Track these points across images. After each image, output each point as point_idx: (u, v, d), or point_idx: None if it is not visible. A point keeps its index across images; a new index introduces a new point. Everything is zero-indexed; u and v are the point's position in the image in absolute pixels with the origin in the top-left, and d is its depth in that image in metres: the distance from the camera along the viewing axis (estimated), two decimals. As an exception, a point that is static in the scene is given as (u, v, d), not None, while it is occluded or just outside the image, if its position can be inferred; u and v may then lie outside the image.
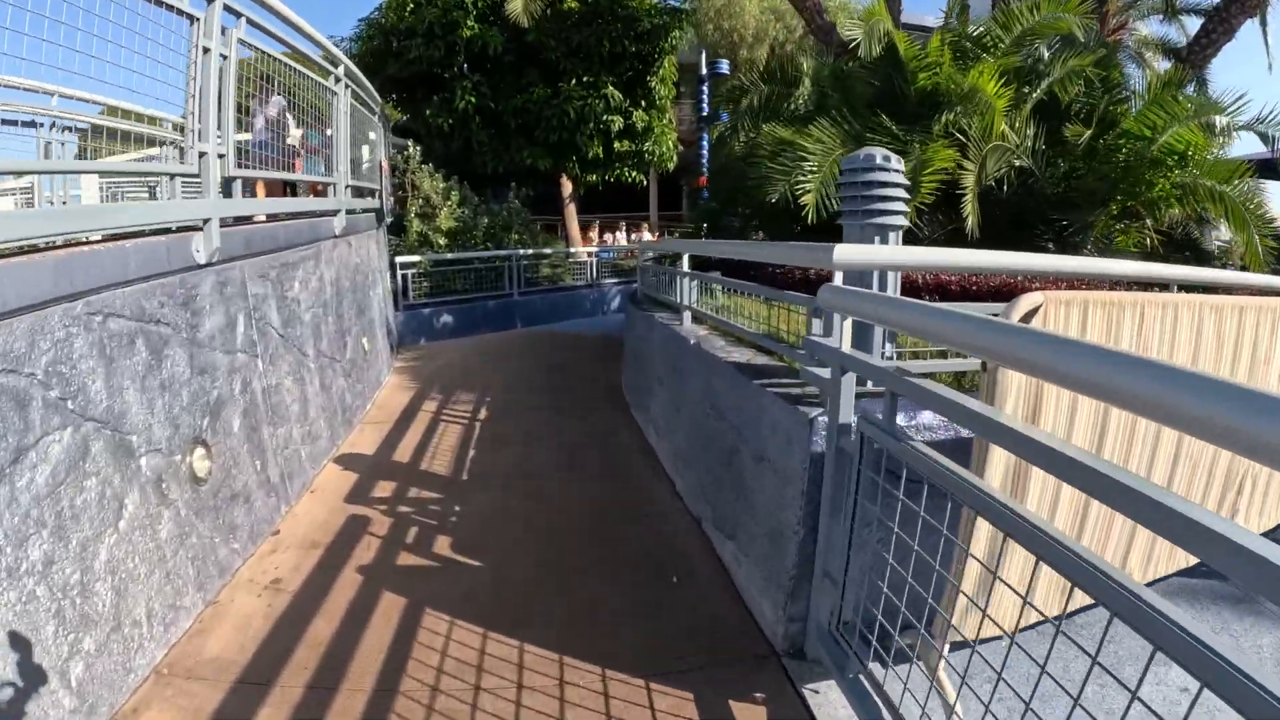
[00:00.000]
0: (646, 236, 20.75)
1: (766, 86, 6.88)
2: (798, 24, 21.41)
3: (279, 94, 4.22)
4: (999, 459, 1.74)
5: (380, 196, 6.91)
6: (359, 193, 6.48)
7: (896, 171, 2.36)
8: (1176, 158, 5.86)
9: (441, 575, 3.05)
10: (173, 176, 3.00)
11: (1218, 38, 9.51)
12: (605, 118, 12.17)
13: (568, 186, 14.10)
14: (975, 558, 1.68)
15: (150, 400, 2.78)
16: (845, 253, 1.91)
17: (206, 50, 3.12)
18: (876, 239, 2.31)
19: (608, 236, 20.54)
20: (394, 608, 2.82)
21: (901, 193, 2.36)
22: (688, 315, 4.15)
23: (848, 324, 1.79)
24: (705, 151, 15.50)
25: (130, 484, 2.66)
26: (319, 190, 5.56)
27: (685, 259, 4.18)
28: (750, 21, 22.67)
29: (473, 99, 11.83)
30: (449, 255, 9.99)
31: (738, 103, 7.31)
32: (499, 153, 12.30)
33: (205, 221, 3.08)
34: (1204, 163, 5.87)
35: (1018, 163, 5.66)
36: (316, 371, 4.39)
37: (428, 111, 12.27)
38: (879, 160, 2.33)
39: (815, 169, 4.69)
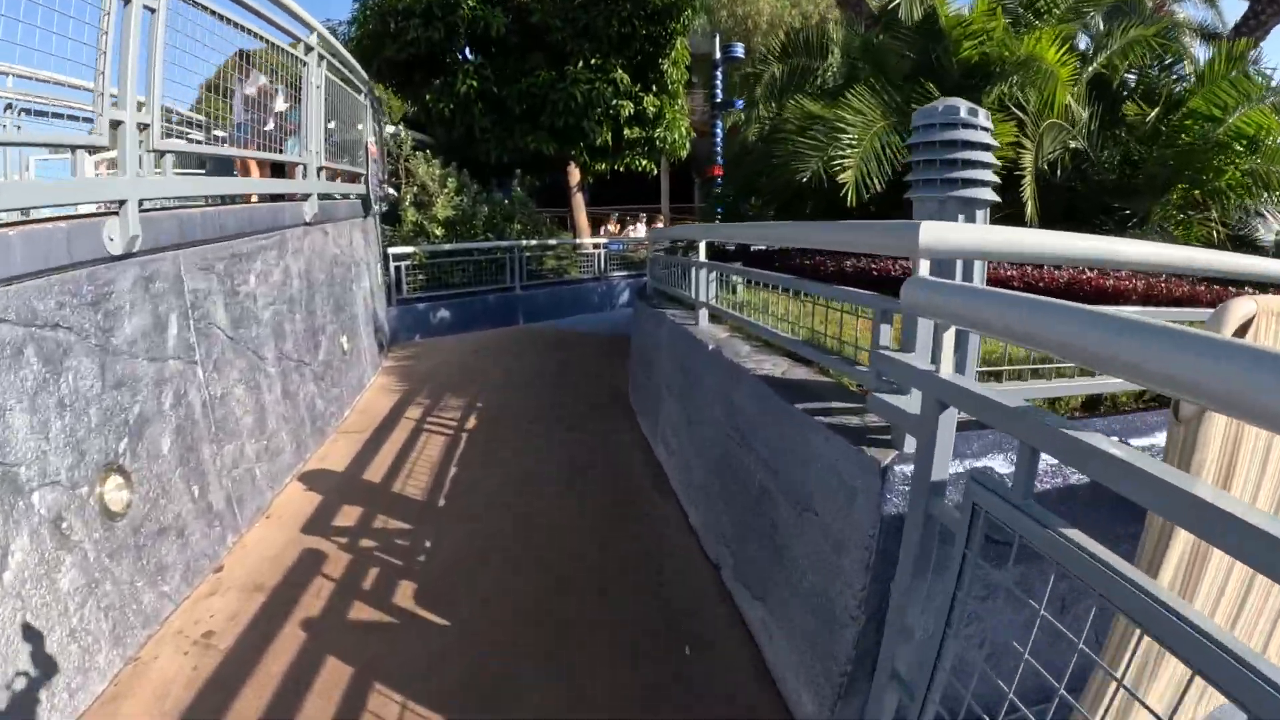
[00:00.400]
0: (641, 228, 20.06)
1: (788, 62, 6.26)
2: (814, 10, 20.70)
3: (231, 59, 3.67)
4: (1181, 546, 1.17)
5: (367, 182, 6.37)
6: (341, 177, 5.95)
7: (985, 130, 1.78)
8: (1246, 142, 5.23)
9: (402, 635, 2.51)
10: (74, 149, 2.45)
11: (1267, 19, 8.81)
12: (615, 102, 11.54)
13: (575, 176, 13.48)
14: (1124, 686, 1.12)
15: (44, 422, 2.26)
16: (940, 234, 1.33)
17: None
18: (960, 216, 1.73)
19: (630, 229, 19.71)
20: (339, 678, 2.29)
21: (991, 157, 1.78)
22: (704, 314, 3.58)
23: (949, 337, 1.21)
24: (719, 140, 14.87)
25: (17, 527, 2.14)
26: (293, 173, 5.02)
27: (702, 247, 3.60)
28: (765, 8, 21.96)
29: (474, 83, 11.24)
30: (446, 246, 9.37)
31: (754, 85, 6.71)
32: (502, 139, 11.68)
33: (121, 204, 2.54)
34: (1276, 149, 5.24)
35: (1073, 144, 5.03)
36: (278, 377, 3.86)
37: (427, 96, 11.67)
38: (964, 113, 1.75)
39: (854, 143, 4.09)
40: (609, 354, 7.49)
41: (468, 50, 11.79)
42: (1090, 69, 5.25)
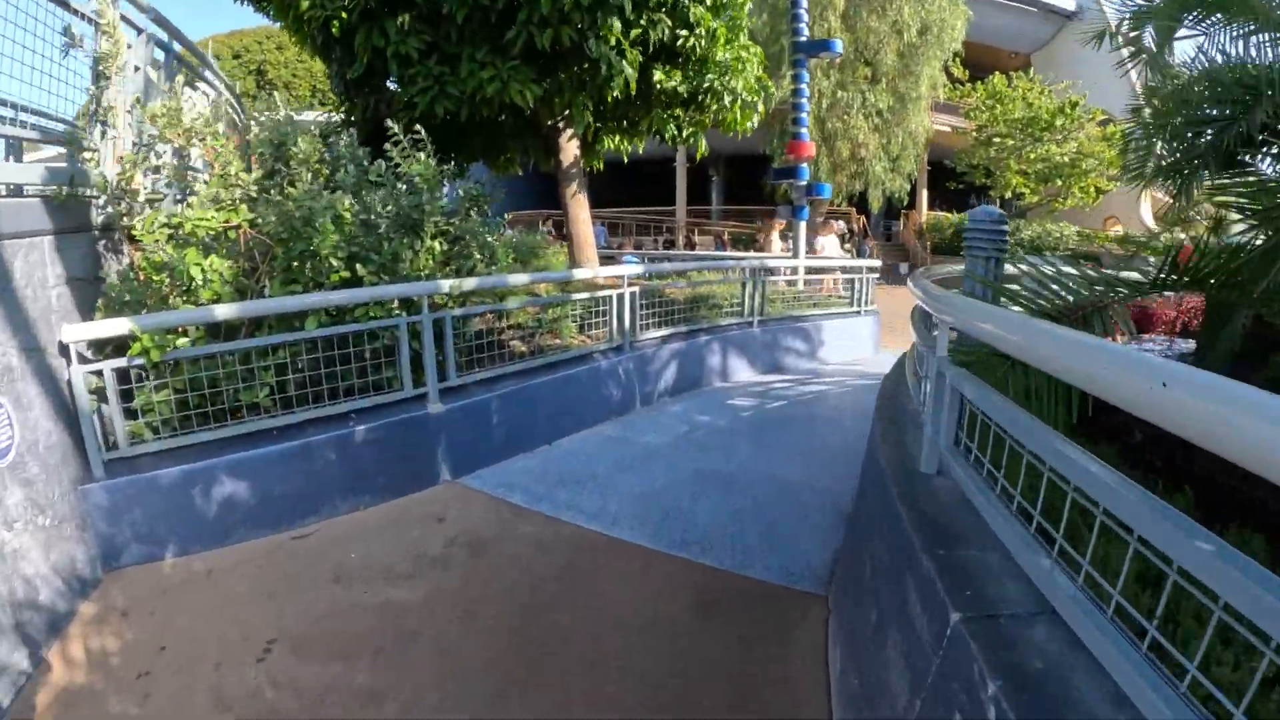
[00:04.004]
0: (829, 242, 12.33)
1: None
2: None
3: None
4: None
5: None
6: None
7: None
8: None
9: None
10: None
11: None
12: (641, 13, 6.09)
13: (570, 153, 7.94)
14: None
15: None
16: None
17: None
18: None
19: (822, 240, 12.00)
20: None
21: None
22: None
23: None
24: (804, 100, 9.43)
25: None
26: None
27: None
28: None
29: (378, -35, 5.81)
30: (224, 309, 3.24)
31: None
32: (437, 79, 6.23)
33: None
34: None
35: None
36: None
37: (304, 3, 6.20)
38: None
39: None
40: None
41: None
42: None
